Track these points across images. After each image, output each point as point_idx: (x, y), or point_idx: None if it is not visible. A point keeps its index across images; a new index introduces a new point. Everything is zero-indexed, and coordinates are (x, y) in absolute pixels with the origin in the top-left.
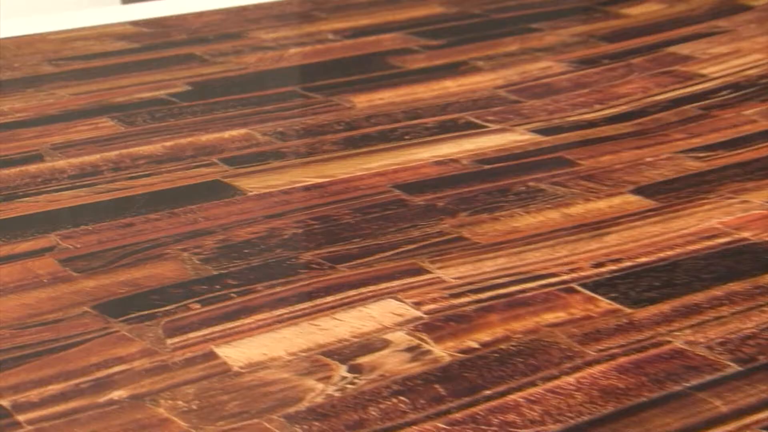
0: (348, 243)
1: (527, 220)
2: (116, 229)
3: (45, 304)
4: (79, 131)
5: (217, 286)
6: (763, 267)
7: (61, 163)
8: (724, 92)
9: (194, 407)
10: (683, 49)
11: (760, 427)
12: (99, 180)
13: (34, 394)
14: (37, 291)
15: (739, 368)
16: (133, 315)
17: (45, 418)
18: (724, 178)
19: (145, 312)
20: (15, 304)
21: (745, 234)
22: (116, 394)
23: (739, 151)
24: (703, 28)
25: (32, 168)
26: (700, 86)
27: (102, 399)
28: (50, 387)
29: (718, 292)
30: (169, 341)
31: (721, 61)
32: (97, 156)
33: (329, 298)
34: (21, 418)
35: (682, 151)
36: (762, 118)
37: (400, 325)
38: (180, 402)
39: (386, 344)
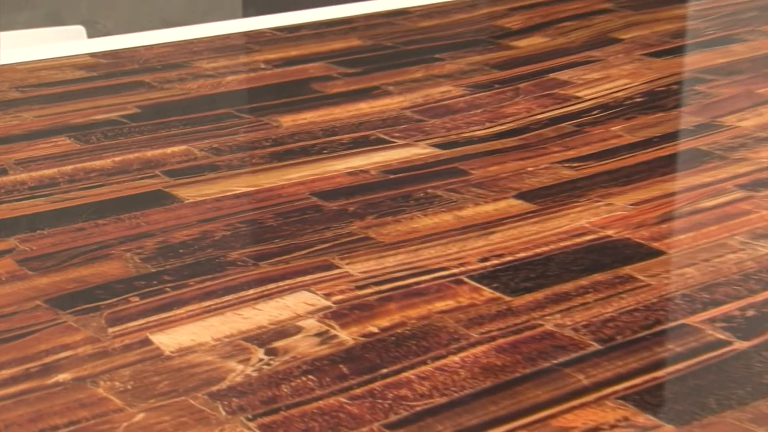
0: (269, 243)
1: (425, 222)
2: (68, 233)
3: (2, 299)
4: (40, 149)
5: (155, 282)
6: (623, 260)
7: (22, 176)
8: (596, 111)
9: (129, 387)
10: (562, 75)
11: (615, 397)
12: (55, 191)
13: None
14: None
15: (600, 347)
16: (79, 308)
17: None
18: (593, 185)
19: (90, 305)
20: None
21: (609, 232)
22: (61, 377)
23: (607, 161)
24: (580, 57)
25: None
26: (576, 106)
27: (49, 381)
28: (2, 371)
29: (584, 282)
30: (110, 330)
31: (593, 85)
32: (55, 170)
33: (251, 291)
34: None
35: (558, 162)
36: (626, 133)
37: (311, 313)
38: (117, 383)
39: (299, 330)
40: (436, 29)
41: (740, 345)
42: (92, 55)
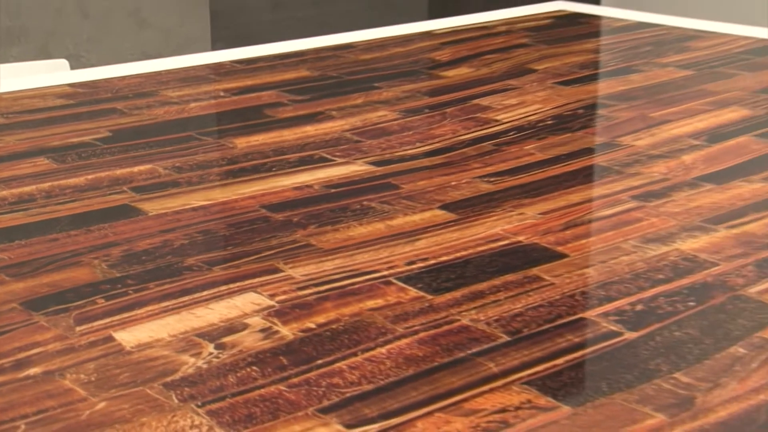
0: (222, 250)
1: (359, 231)
2: (44, 243)
3: None
4: (20, 168)
5: (119, 285)
6: (532, 262)
7: (3, 193)
8: (512, 133)
9: (93, 379)
10: (484, 101)
11: (520, 382)
12: (33, 206)
13: None
14: None
15: (508, 339)
16: (50, 309)
17: None
18: (507, 197)
19: (61, 306)
20: None
21: (520, 238)
22: (32, 371)
23: (520, 176)
24: (500, 86)
25: None
26: (495, 128)
27: (21, 375)
28: None
29: (497, 282)
30: (77, 329)
31: (510, 110)
32: (33, 187)
33: (205, 293)
34: None
35: (478, 177)
36: (538, 152)
37: (257, 312)
38: (82, 375)
39: (245, 327)
40: (376, 61)
41: (630, 336)
42: (71, 85)
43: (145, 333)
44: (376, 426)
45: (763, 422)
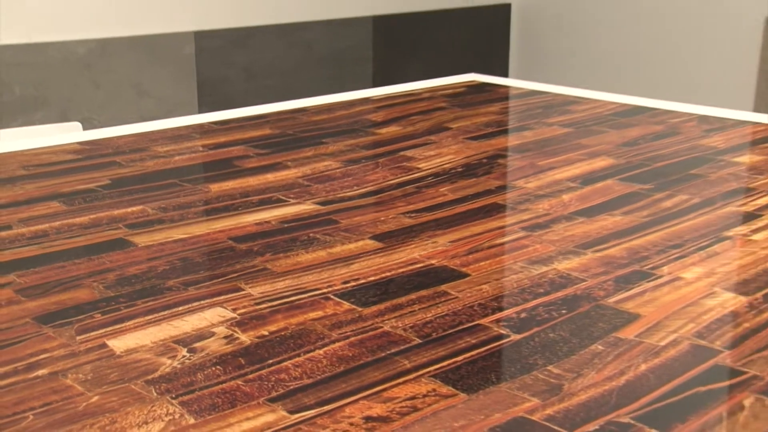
0: (196, 274)
1: (306, 257)
2: (53, 269)
3: (2, 318)
4: (37, 210)
5: (113, 303)
6: (441, 281)
7: (22, 230)
8: (430, 178)
9: (89, 378)
10: (409, 153)
11: (428, 375)
12: (45, 240)
13: None
14: None
15: (420, 341)
16: (57, 322)
17: None
18: (424, 229)
19: (65, 320)
20: None
21: (433, 261)
22: (40, 372)
23: (435, 212)
24: (422, 140)
25: (3, 234)
26: (417, 175)
27: (31, 375)
28: None
29: (413, 296)
30: (78, 338)
31: (429, 159)
32: (47, 225)
33: (181, 308)
34: None
35: (402, 213)
36: (450, 193)
37: (222, 323)
38: (80, 375)
39: (212, 334)
40: (324, 122)
41: (514, 337)
42: (81, 143)
43: (132, 340)
44: (313, 411)
45: (614, 403)
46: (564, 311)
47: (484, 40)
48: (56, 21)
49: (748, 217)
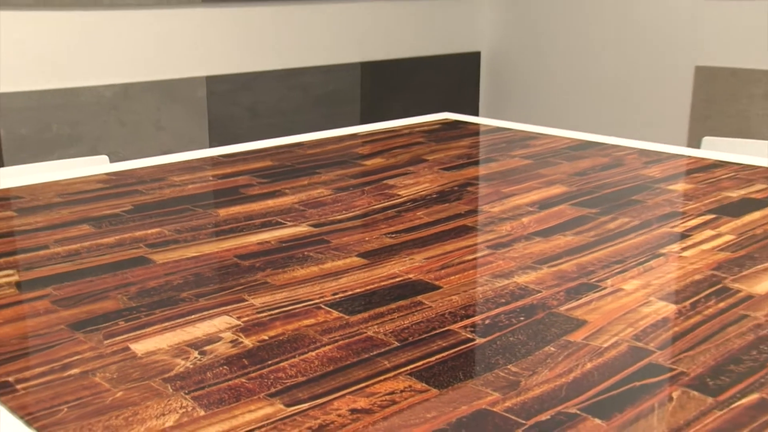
0: (206, 287)
1: (301, 272)
2: (84, 283)
3: (40, 325)
4: (70, 232)
5: (134, 312)
6: (417, 292)
7: (58, 249)
8: (408, 203)
9: (115, 376)
10: (391, 182)
11: (405, 374)
12: (77, 258)
13: (27, 375)
14: (37, 318)
15: (398, 344)
16: (87, 329)
17: (32, 386)
18: (403, 248)
19: (94, 327)
20: (25, 325)
21: (411, 276)
22: (73, 371)
23: (413, 233)
24: (402, 171)
25: (42, 252)
26: (397, 200)
27: (65, 374)
28: (38, 369)
29: (393, 306)
30: (105, 342)
31: (408, 187)
32: (78, 245)
33: (193, 316)
34: (19, 386)
35: (384, 234)
36: (425, 217)
37: (228, 329)
38: (107, 374)
39: (220, 339)
40: (318, 154)
41: (479, 341)
42: (108, 174)
43: (151, 344)
44: (306, 405)
45: (564, 396)
46: (522, 318)
47: (457, 83)
48: (87, 69)
49: (680, 237)
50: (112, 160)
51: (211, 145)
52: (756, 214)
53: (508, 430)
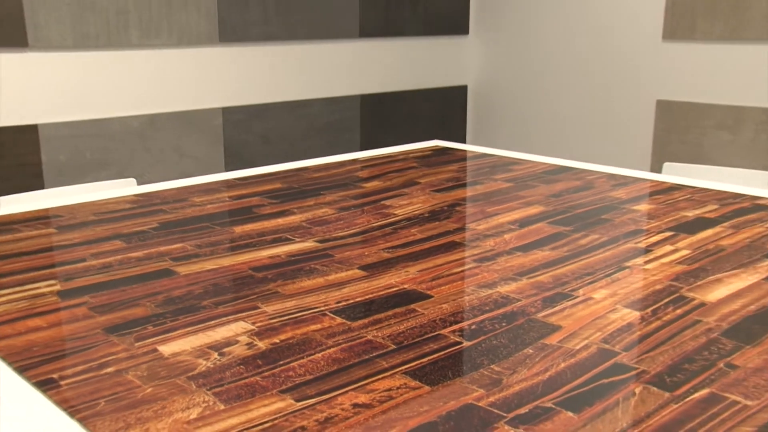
0: (224, 295)
1: (308, 283)
2: (117, 292)
3: (80, 329)
4: (104, 247)
5: (161, 318)
6: (411, 301)
7: (93, 262)
8: (403, 222)
9: (145, 374)
10: (387, 202)
11: (401, 372)
12: (110, 270)
13: (68, 372)
14: (76, 323)
15: (395, 347)
16: (120, 332)
17: (73, 382)
18: (399, 261)
19: (126, 331)
20: (67, 328)
21: (405, 286)
22: (108, 370)
23: (407, 248)
24: (397, 192)
25: (79, 265)
26: (393, 219)
27: (101, 372)
28: (78, 367)
29: (390, 313)
30: (136, 344)
31: (403, 207)
32: (111, 258)
33: (213, 322)
34: (62, 383)
35: (381, 249)
36: (419, 233)
37: (244, 333)
38: (138, 372)
39: (237, 342)
40: (322, 178)
41: (467, 344)
42: (136, 195)
43: (176, 346)
44: (313, 400)
45: (540, 392)
46: (504, 324)
47: (446, 113)
48: (117, 101)
49: (643, 251)
50: (138, 183)
51: (227, 169)
52: (709, 232)
53: (492, 423)
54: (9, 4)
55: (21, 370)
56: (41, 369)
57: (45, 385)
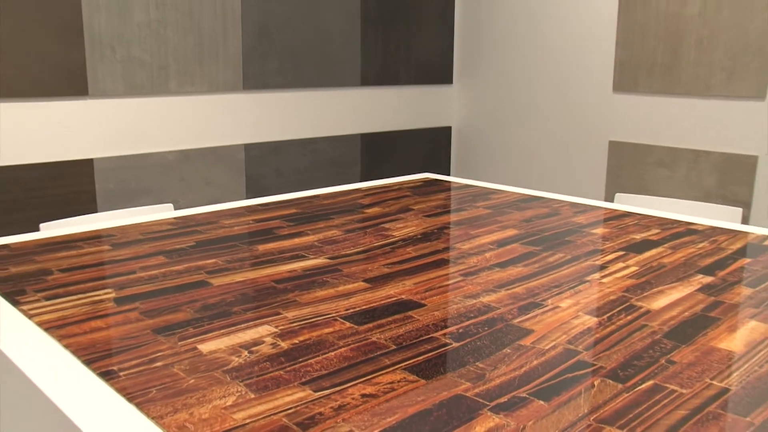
0: (251, 303)
1: (321, 293)
2: (162, 299)
3: (133, 330)
4: (150, 262)
5: (200, 321)
6: (408, 308)
7: (142, 274)
8: (399, 242)
9: (187, 368)
10: (386, 225)
11: (401, 368)
12: (156, 281)
13: (125, 365)
14: (130, 325)
15: (395, 347)
16: (166, 333)
17: (129, 373)
18: (397, 275)
19: (171, 332)
20: (123, 329)
21: (403, 296)
22: (157, 364)
23: (404, 265)
24: (395, 217)
25: (131, 276)
26: (391, 240)
27: (151, 366)
28: (133, 361)
29: (390, 319)
30: (179, 343)
31: (400, 230)
32: (156, 271)
33: (242, 325)
34: (121, 374)
35: (382, 265)
36: (413, 252)
37: (269, 335)
38: (183, 366)
39: (263, 342)
40: (331, 204)
41: (455, 345)
42: (174, 218)
43: (213, 345)
44: (328, 391)
45: (517, 385)
46: (486, 328)
47: (434, 150)
48: (156, 139)
49: (599, 268)
50: (175, 208)
51: (248, 197)
52: (653, 251)
53: (477, 410)
54: (75, 61)
55: (87, 362)
56: (103, 362)
57: (107, 376)
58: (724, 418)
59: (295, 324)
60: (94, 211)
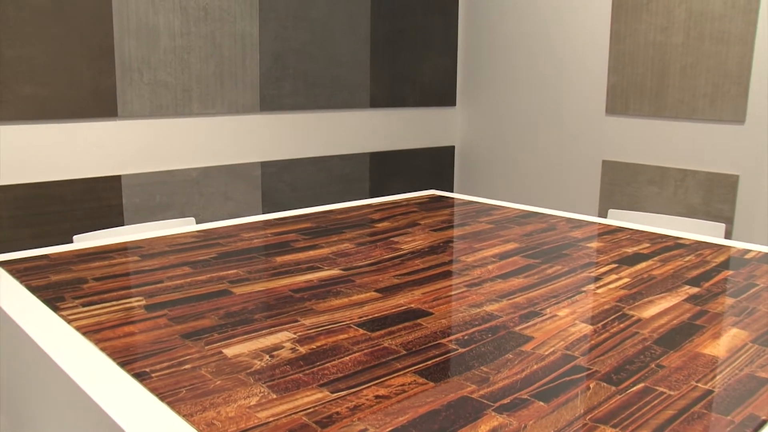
0: (271, 311)
1: (336, 302)
2: (189, 307)
3: (162, 335)
4: (176, 272)
5: (224, 327)
6: (417, 317)
7: (170, 283)
8: (408, 255)
9: (214, 370)
10: (396, 239)
11: (412, 372)
12: (182, 290)
13: (157, 367)
14: (160, 330)
15: (405, 352)
16: (193, 338)
17: (161, 375)
18: (407, 285)
19: (198, 337)
20: (153, 334)
21: (412, 305)
22: (186, 366)
23: (413, 275)
24: (403, 231)
25: (159, 285)
26: (401, 252)
27: (181, 368)
28: (164, 364)
29: (400, 326)
30: (206, 347)
31: (408, 243)
32: (182, 281)
33: (263, 331)
34: (153, 375)
35: (392, 276)
36: (421, 264)
37: (288, 340)
38: (210, 369)
39: (283, 347)
40: (344, 219)
41: (461, 350)
42: (197, 231)
43: (237, 349)
44: (344, 392)
45: (519, 387)
46: (490, 335)
47: (438, 168)
48: (179, 156)
49: (594, 279)
50: (198, 221)
51: (264, 212)
52: (644, 264)
53: (482, 410)
54: (106, 84)
55: (122, 364)
56: (136, 364)
57: (140, 377)
58: (708, 417)
59: (312, 330)
60: (121, 223)
